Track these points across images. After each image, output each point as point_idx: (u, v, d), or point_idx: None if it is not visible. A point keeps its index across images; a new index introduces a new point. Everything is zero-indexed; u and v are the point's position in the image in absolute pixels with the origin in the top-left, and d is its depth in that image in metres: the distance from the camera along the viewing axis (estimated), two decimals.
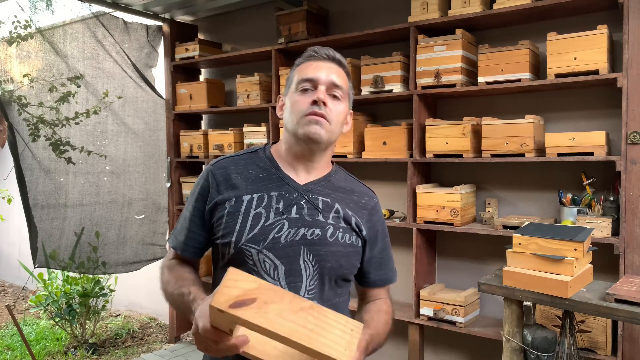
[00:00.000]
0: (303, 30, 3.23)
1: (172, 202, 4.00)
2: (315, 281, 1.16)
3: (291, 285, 1.14)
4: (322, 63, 1.23)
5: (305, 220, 1.17)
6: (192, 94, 3.84)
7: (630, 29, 2.22)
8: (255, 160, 1.26)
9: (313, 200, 1.19)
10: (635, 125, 2.22)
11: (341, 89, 1.22)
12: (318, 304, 0.91)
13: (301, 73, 1.22)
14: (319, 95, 1.17)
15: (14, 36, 3.23)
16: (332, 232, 1.18)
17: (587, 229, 1.97)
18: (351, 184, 1.30)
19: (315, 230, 1.16)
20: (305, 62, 1.24)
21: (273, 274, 1.13)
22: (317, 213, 1.18)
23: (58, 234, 3.52)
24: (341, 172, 1.32)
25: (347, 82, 1.26)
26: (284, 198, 1.18)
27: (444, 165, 3.02)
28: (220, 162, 1.26)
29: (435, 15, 2.76)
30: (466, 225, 2.73)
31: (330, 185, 1.25)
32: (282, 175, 1.22)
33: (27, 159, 3.34)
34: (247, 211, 1.16)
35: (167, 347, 4.05)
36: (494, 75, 2.59)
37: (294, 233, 1.15)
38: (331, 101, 1.19)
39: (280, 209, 1.16)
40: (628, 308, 1.71)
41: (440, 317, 2.74)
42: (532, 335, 1.97)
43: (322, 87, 1.19)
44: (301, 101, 1.18)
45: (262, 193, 1.18)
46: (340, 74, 1.24)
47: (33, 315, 4.80)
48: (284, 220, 1.15)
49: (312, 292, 1.15)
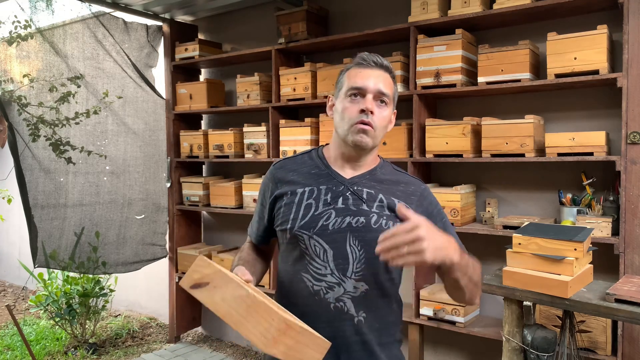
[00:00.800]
0: (303, 30, 3.23)
1: (172, 202, 4.00)
2: (363, 264, 1.27)
3: (339, 267, 1.27)
4: (370, 71, 1.31)
5: (350, 209, 1.29)
6: (192, 94, 3.84)
7: (630, 29, 2.22)
8: (308, 159, 1.42)
9: (358, 192, 1.32)
10: (635, 125, 2.22)
11: (387, 96, 1.31)
12: (258, 291, 1.06)
13: (351, 80, 1.31)
14: (367, 105, 1.27)
15: (14, 36, 3.23)
16: (375, 220, 1.29)
17: (587, 229, 1.97)
18: (397, 175, 1.41)
19: (360, 219, 1.28)
20: (354, 69, 1.33)
21: (323, 257, 1.28)
22: (361, 203, 1.31)
23: (58, 234, 3.52)
24: (388, 166, 1.43)
25: (392, 87, 1.35)
26: (332, 190, 1.32)
27: (444, 165, 3.02)
28: (279, 163, 1.45)
29: (435, 15, 2.76)
30: (466, 225, 2.73)
31: (375, 178, 1.36)
32: (330, 171, 1.36)
33: (27, 159, 3.34)
34: (299, 202, 1.32)
35: (167, 347, 4.05)
36: (494, 75, 2.59)
37: (340, 221, 1.28)
38: (377, 108, 1.30)
39: (328, 200, 1.31)
40: (628, 308, 1.72)
41: (440, 317, 2.74)
42: (532, 335, 1.97)
43: (369, 95, 1.29)
44: (350, 108, 1.29)
45: (312, 187, 1.34)
46: (387, 80, 1.32)
47: (33, 315, 4.80)
48: (332, 210, 1.30)
49: (359, 274, 1.27)
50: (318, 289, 1.27)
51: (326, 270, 1.27)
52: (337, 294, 1.26)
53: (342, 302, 1.26)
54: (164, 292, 4.31)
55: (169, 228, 4.04)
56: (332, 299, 1.26)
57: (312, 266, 1.28)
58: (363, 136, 1.28)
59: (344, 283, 1.26)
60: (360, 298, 1.26)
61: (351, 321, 1.26)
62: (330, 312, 1.25)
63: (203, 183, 3.82)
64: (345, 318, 1.26)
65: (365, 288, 1.27)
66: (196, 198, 3.86)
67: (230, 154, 3.62)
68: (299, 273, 1.30)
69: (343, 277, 1.26)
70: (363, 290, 1.27)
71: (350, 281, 1.26)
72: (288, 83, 3.31)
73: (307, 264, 1.29)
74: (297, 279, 1.30)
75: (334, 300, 1.26)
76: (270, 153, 3.41)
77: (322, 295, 1.26)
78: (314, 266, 1.28)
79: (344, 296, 1.26)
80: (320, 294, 1.26)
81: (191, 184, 3.91)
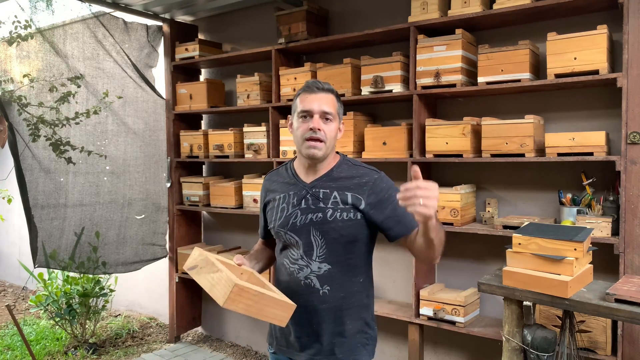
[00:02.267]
0: (303, 30, 3.23)
1: (172, 202, 4.00)
2: (324, 249, 1.62)
3: (307, 253, 1.63)
4: (314, 95, 1.62)
5: (310, 208, 1.64)
6: (192, 94, 3.84)
7: (630, 29, 2.22)
8: (284, 171, 1.78)
9: (315, 194, 1.65)
10: (635, 125, 2.22)
11: (330, 114, 1.62)
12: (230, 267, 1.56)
13: (301, 104, 1.63)
14: (314, 125, 1.59)
15: (14, 36, 3.23)
16: (331, 214, 1.62)
17: (587, 229, 1.97)
18: (353, 171, 1.69)
19: (318, 214, 1.62)
20: (302, 94, 1.65)
21: (296, 246, 1.65)
22: (318, 202, 1.64)
23: (58, 234, 3.52)
24: (346, 164, 1.71)
25: (335, 104, 1.65)
26: (297, 195, 1.67)
27: (444, 165, 3.02)
28: (268, 176, 1.82)
29: (435, 15, 2.76)
30: (466, 225, 2.73)
31: (331, 179, 1.67)
32: (297, 179, 1.71)
33: (27, 159, 3.34)
34: (278, 207, 1.70)
35: (167, 347, 4.05)
36: (494, 75, 2.59)
37: (304, 218, 1.64)
38: (324, 124, 1.61)
39: (295, 203, 1.67)
40: (628, 308, 1.71)
41: (440, 317, 2.74)
42: (532, 335, 1.97)
43: (316, 116, 1.60)
44: (302, 127, 1.62)
45: (285, 193, 1.70)
46: (329, 101, 1.63)
47: (33, 315, 4.80)
48: (297, 210, 1.65)
49: (322, 257, 1.62)
50: (292, 270, 1.65)
51: (298, 255, 1.64)
52: (305, 273, 1.63)
53: (309, 280, 1.62)
54: (164, 292, 4.31)
55: (169, 228, 4.04)
56: (302, 277, 1.63)
57: (289, 253, 1.68)
58: (314, 150, 1.60)
59: (311, 265, 1.63)
60: (324, 276, 1.62)
61: (317, 293, 1.62)
62: (301, 287, 1.63)
63: (203, 183, 3.82)
64: (312, 291, 1.62)
65: (327, 267, 1.62)
66: (196, 198, 3.86)
67: (230, 154, 3.62)
68: (282, 258, 1.71)
69: (310, 260, 1.63)
70: (326, 269, 1.62)
71: (314, 263, 1.62)
72: (288, 83, 3.31)
73: (286, 252, 1.69)
74: (281, 262, 1.72)
75: (303, 278, 1.63)
76: (270, 153, 3.41)
77: (295, 275, 1.65)
78: (290, 253, 1.67)
79: (311, 275, 1.62)
80: (294, 273, 1.65)
81: (191, 184, 3.91)
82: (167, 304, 4.17)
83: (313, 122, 1.59)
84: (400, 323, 3.04)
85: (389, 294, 3.25)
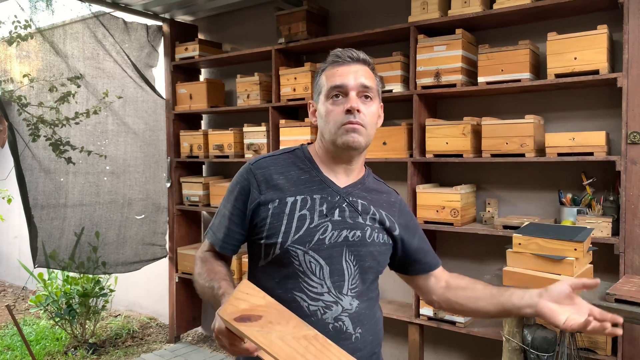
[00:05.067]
0: (303, 30, 3.23)
1: (172, 202, 4.00)
2: (357, 280, 1.21)
3: (335, 285, 1.18)
4: (347, 67, 1.22)
5: (347, 222, 1.21)
6: (192, 93, 3.84)
7: (630, 29, 2.22)
8: (295, 160, 1.28)
9: (353, 203, 1.24)
10: (635, 125, 2.22)
11: (371, 89, 1.22)
12: (321, 334, 0.92)
13: (329, 80, 1.21)
14: (352, 105, 1.18)
15: (14, 36, 3.23)
16: (369, 233, 1.23)
17: (587, 229, 1.97)
18: (379, 185, 1.36)
19: (357, 232, 1.21)
20: (330, 68, 1.23)
21: (319, 274, 1.17)
22: (357, 215, 1.23)
23: (58, 234, 3.52)
24: (371, 175, 1.37)
25: (374, 79, 1.25)
26: (327, 201, 1.22)
27: (444, 165, 3.02)
28: (260, 162, 1.26)
29: (435, 15, 2.76)
30: (466, 225, 2.73)
31: (365, 188, 1.29)
32: (323, 178, 1.25)
33: (27, 159, 3.34)
34: (291, 213, 1.19)
35: (167, 347, 4.05)
36: (494, 75, 2.59)
37: (337, 235, 1.19)
38: (364, 104, 1.20)
39: (324, 212, 1.20)
40: (628, 308, 1.72)
41: (440, 317, 2.74)
42: (532, 335, 1.97)
43: (352, 93, 1.19)
44: (335, 111, 1.20)
45: (305, 195, 1.21)
46: (367, 73, 1.23)
47: (33, 315, 4.80)
48: (328, 222, 1.19)
49: (355, 290, 1.21)
50: (315, 309, 1.16)
51: (323, 288, 1.17)
52: (335, 313, 1.16)
53: (340, 322, 1.17)
54: (164, 292, 4.31)
55: (169, 228, 4.04)
56: (331, 319, 1.16)
57: (306, 284, 1.17)
58: (354, 135, 1.18)
59: (341, 301, 1.18)
60: (355, 315, 1.19)
61: (349, 340, 1.17)
62: (329, 333, 1.13)
63: (203, 183, 3.82)
64: (344, 337, 1.16)
65: (357, 303, 1.20)
66: (196, 198, 3.86)
67: (230, 154, 3.62)
68: (291, 292, 1.17)
69: (340, 294, 1.18)
70: (357, 306, 1.20)
71: (347, 298, 1.18)
72: (288, 83, 3.31)
73: (300, 282, 1.17)
74: (288, 298, 1.16)
75: (332, 320, 1.16)
76: None
77: (319, 316, 1.16)
78: (309, 284, 1.17)
79: (342, 315, 1.17)
80: (318, 314, 1.16)
81: (191, 184, 3.91)
82: (167, 304, 4.17)
83: (350, 102, 1.18)
84: (400, 323, 3.04)
85: (389, 294, 3.25)
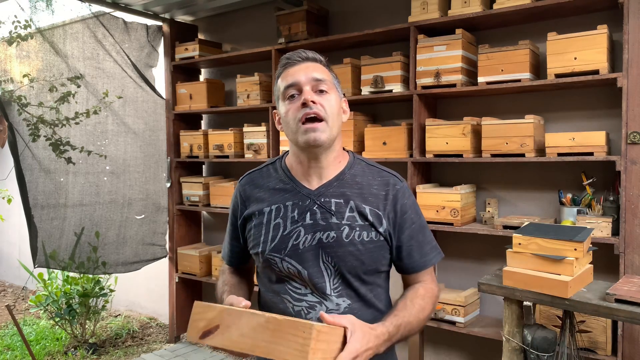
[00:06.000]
0: (303, 30, 3.23)
1: (172, 202, 4.00)
2: (338, 280, 1.21)
3: (317, 286, 1.20)
4: (298, 66, 1.25)
5: (319, 224, 1.22)
6: (192, 94, 3.84)
7: (630, 29, 2.22)
8: (273, 171, 1.33)
9: (325, 204, 1.24)
10: (635, 125, 2.22)
11: (325, 82, 1.24)
12: (274, 315, 0.97)
13: (283, 81, 1.25)
14: (305, 97, 1.19)
15: (14, 36, 3.23)
16: (347, 233, 1.21)
17: (587, 229, 1.97)
18: (370, 175, 1.30)
19: (331, 233, 1.21)
20: (283, 71, 1.27)
21: (299, 277, 1.22)
22: (330, 216, 1.22)
23: (58, 234, 3.52)
24: (359, 165, 1.32)
25: (329, 73, 1.28)
26: (298, 206, 1.24)
27: (444, 165, 3.02)
28: (245, 179, 1.36)
29: (435, 15, 2.76)
30: (466, 225, 2.73)
31: (344, 184, 1.27)
32: (295, 184, 1.27)
33: (27, 159, 3.34)
34: (268, 223, 1.25)
35: (167, 347, 4.05)
36: (494, 75, 2.59)
37: (310, 238, 1.21)
38: (319, 97, 1.22)
39: (296, 217, 1.23)
40: (628, 308, 1.71)
41: (440, 317, 2.74)
42: (532, 335, 1.97)
43: (306, 87, 1.21)
44: (292, 108, 1.22)
45: (279, 204, 1.26)
46: (319, 68, 1.26)
47: (33, 315, 4.80)
48: (300, 227, 1.22)
49: (338, 290, 1.21)
50: (299, 309, 1.21)
51: (306, 289, 1.21)
52: (318, 313, 1.17)
53: None
54: (164, 292, 4.31)
55: (169, 228, 4.04)
56: (315, 319, 1.17)
57: (290, 286, 1.23)
58: (314, 133, 1.18)
59: (326, 301, 1.20)
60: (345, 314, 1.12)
61: None
62: None
63: (203, 183, 3.82)
64: None
65: (347, 303, 1.21)
66: (196, 198, 3.86)
67: (230, 154, 3.62)
68: (278, 294, 1.24)
69: (324, 295, 1.20)
70: (346, 305, 1.20)
71: (331, 298, 1.20)
72: None
73: (286, 284, 1.23)
74: (277, 300, 1.25)
75: (316, 320, 1.16)
76: (270, 153, 3.41)
77: (303, 316, 1.20)
78: (293, 286, 1.22)
79: None
80: (302, 314, 1.20)
81: (191, 184, 3.91)
82: (167, 304, 4.17)
83: (304, 95, 1.19)
84: None
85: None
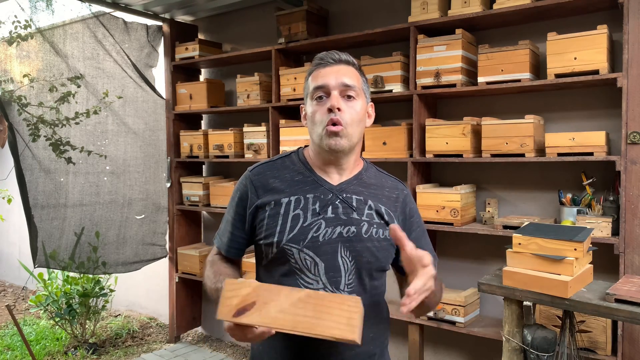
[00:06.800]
0: (303, 30, 3.23)
1: (172, 202, 4.00)
2: (353, 275, 1.23)
3: (331, 281, 1.21)
4: (330, 68, 1.27)
5: (340, 219, 1.24)
6: (192, 94, 3.84)
7: (630, 29, 2.22)
8: (289, 164, 1.34)
9: (347, 200, 1.27)
10: (635, 125, 2.22)
11: (353, 88, 1.26)
12: (318, 290, 0.98)
13: (313, 82, 1.28)
14: (332, 103, 1.22)
15: (14, 36, 3.23)
16: (366, 229, 1.25)
17: (587, 229, 1.97)
18: (381, 179, 1.37)
19: (351, 228, 1.24)
20: (315, 70, 1.30)
21: (314, 270, 1.22)
22: (351, 211, 1.26)
23: (58, 234, 3.52)
24: (372, 169, 1.39)
25: (359, 78, 1.30)
26: (320, 199, 1.26)
27: (444, 165, 3.02)
28: (257, 169, 1.34)
29: (435, 15, 2.76)
30: (466, 225, 2.73)
31: (362, 183, 1.32)
32: (316, 177, 1.30)
33: (27, 159, 3.34)
34: (286, 213, 1.25)
35: (167, 347, 4.05)
36: (494, 75, 2.59)
37: (331, 232, 1.23)
38: (346, 103, 1.25)
39: (317, 210, 1.25)
40: (628, 308, 1.71)
41: (440, 317, 2.74)
42: (532, 335, 1.97)
43: (334, 92, 1.24)
44: (318, 111, 1.25)
45: (299, 195, 1.26)
46: (350, 73, 1.28)
47: (33, 315, 4.80)
48: (321, 220, 1.24)
49: (351, 286, 1.23)
50: None
51: (318, 284, 1.21)
52: None
53: None
54: (164, 292, 4.31)
55: (169, 228, 4.04)
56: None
57: (302, 280, 1.22)
58: (335, 139, 1.23)
59: None
60: None
61: None
62: None
63: (203, 183, 3.82)
64: None
65: None
66: (196, 198, 3.86)
67: (230, 154, 3.62)
68: None
69: (337, 290, 1.21)
70: None
71: (343, 294, 1.17)
72: (288, 83, 3.31)
73: (297, 278, 1.22)
74: None
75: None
76: (270, 153, 3.41)
77: None
78: (305, 280, 1.22)
79: None
80: None
81: (191, 184, 3.91)
82: (167, 304, 4.17)
83: (331, 100, 1.22)
84: (400, 323, 3.03)
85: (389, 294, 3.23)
